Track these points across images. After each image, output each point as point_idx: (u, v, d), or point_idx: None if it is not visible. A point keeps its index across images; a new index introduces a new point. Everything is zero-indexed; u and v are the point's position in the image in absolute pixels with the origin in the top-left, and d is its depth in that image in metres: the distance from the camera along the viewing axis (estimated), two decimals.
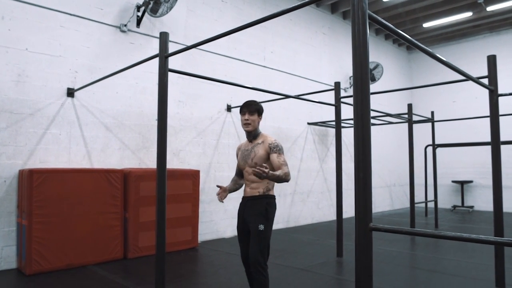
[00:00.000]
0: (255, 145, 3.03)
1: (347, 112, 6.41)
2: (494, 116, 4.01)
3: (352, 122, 8.40)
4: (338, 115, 5.42)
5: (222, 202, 3.16)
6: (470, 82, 3.78)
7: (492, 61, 4.07)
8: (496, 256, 3.93)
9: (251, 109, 3.02)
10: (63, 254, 4.47)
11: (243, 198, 3.12)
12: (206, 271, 4.72)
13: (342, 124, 8.68)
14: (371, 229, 1.83)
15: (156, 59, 3.46)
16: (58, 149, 4.90)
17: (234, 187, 3.30)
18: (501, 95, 4.12)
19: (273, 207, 3.01)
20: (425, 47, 2.73)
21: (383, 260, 4.99)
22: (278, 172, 2.76)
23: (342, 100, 5.46)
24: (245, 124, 3.03)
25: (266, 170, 2.55)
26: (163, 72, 3.40)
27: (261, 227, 2.89)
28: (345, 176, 7.52)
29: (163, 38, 3.42)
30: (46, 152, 4.79)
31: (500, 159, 4.01)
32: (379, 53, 11.14)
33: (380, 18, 2.10)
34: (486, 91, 4.08)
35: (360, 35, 1.78)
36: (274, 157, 2.90)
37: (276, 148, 2.93)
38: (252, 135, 3.08)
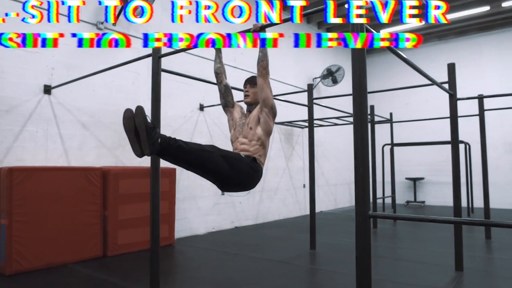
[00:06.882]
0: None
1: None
2: (454, 118, 4.48)
3: (317, 122, 8.79)
4: (311, 115, 5.74)
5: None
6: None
7: (451, 68, 4.54)
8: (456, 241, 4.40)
9: (253, 82, 3.04)
10: (43, 253, 4.41)
11: None
12: (188, 266, 4.83)
13: (304, 124, 9.09)
14: (370, 216, 2.14)
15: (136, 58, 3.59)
16: (35, 147, 4.81)
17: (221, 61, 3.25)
18: (460, 99, 4.61)
19: (257, 172, 2.75)
20: (402, 53, 3.07)
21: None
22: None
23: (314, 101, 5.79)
24: (244, 96, 3.05)
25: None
26: (157, 71, 3.52)
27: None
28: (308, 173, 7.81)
29: None
30: (22, 150, 4.69)
31: (459, 157, 4.49)
32: (341, 56, 11.68)
33: None
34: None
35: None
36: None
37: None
38: (252, 109, 3.02)
